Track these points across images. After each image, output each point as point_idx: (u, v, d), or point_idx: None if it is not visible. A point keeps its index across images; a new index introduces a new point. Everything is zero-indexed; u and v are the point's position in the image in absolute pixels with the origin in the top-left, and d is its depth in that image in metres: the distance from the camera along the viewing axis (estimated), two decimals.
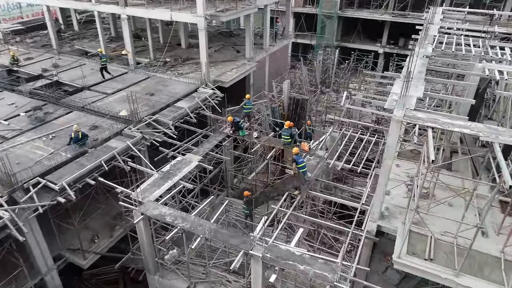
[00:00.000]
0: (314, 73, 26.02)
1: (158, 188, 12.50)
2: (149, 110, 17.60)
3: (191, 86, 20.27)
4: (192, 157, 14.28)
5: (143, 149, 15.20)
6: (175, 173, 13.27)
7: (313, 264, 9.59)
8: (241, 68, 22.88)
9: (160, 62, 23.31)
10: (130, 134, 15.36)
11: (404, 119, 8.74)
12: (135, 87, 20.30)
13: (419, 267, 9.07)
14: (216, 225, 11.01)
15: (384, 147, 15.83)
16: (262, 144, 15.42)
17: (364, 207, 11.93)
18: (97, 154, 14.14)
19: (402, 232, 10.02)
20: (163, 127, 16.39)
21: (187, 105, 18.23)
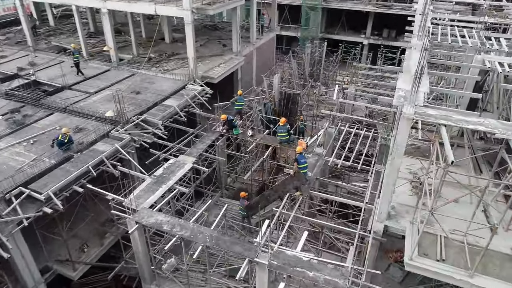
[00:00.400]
0: (302, 67, 25.53)
1: (152, 194, 11.82)
2: (136, 109, 16.77)
3: (179, 83, 19.47)
4: (185, 158, 13.61)
5: (132, 152, 14.41)
6: (169, 177, 12.59)
7: (322, 270, 9.18)
8: (229, 63, 22.18)
9: (144, 58, 22.31)
10: (118, 136, 14.54)
11: (415, 116, 8.35)
12: (120, 85, 19.35)
13: (433, 268, 8.78)
14: (217, 232, 10.44)
15: (381, 142, 15.66)
16: (257, 142, 14.85)
17: (368, 206, 11.58)
18: (84, 158, 13.29)
19: (411, 232, 9.72)
20: (152, 128, 15.61)
21: (176, 103, 17.47)
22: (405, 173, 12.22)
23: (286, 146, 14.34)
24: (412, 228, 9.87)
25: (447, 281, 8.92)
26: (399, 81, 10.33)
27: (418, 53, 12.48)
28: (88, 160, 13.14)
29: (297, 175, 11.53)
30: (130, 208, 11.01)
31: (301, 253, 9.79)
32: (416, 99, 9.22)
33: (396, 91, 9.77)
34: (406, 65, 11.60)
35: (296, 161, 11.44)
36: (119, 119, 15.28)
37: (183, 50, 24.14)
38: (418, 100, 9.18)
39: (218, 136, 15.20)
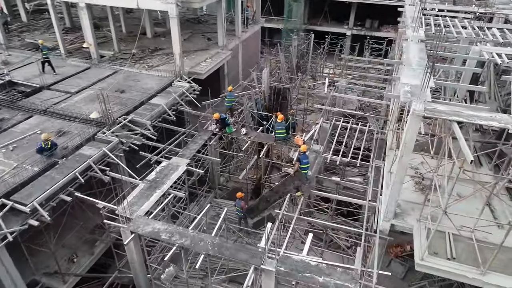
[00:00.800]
0: (290, 60, 25.05)
1: (146, 200, 11.19)
2: (121, 109, 15.94)
3: (165, 80, 18.68)
4: (178, 160, 13.00)
5: (121, 155, 13.67)
6: (163, 181, 11.97)
7: (332, 274, 8.86)
8: (215, 58, 21.49)
9: (127, 55, 21.34)
10: (105, 139, 13.74)
11: (426, 113, 8.03)
12: (102, 83, 18.40)
13: (445, 268, 8.57)
14: (219, 239, 9.95)
15: (378, 136, 15.43)
16: (252, 141, 14.36)
17: (371, 204, 11.32)
18: (69, 164, 12.48)
19: (419, 231, 9.49)
20: (141, 128, 14.87)
21: (164, 101, 16.73)
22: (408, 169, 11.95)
23: (282, 144, 13.89)
24: (420, 226, 9.65)
25: (459, 280, 8.75)
26: (402, 76, 10.01)
27: (416, 45, 12.24)
28: (75, 166, 12.34)
29: (297, 175, 11.12)
30: (124, 217, 10.36)
31: (308, 257, 9.43)
32: (423, 95, 8.94)
33: (401, 86, 9.45)
34: (406, 58, 11.30)
35: (299, 161, 11.02)
36: (104, 120, 14.46)
37: (166, 45, 23.31)
38: (425, 96, 8.90)
39: (211, 135, 14.61)
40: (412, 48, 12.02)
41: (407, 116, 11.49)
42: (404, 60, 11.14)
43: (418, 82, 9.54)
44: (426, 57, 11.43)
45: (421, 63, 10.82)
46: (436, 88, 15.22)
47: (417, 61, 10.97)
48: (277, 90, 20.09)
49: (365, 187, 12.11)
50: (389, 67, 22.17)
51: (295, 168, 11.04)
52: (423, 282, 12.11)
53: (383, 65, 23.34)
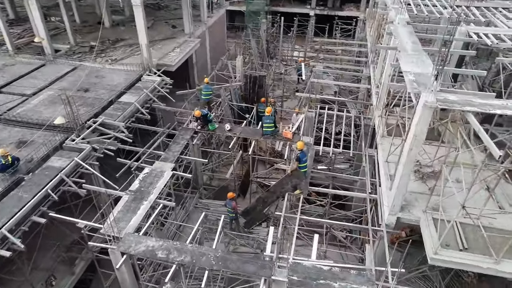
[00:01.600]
0: (260, 45, 24.08)
1: (133, 214, 10.12)
2: (89, 111, 14.43)
3: (133, 75, 17.19)
4: (162, 165, 11.93)
5: (95, 164, 12.35)
6: (149, 190, 10.91)
7: (347, 278, 8.44)
8: (184, 47, 20.15)
9: (85, 48, 19.42)
10: (75, 147, 12.34)
11: (439, 105, 7.61)
12: (62, 82, 16.61)
13: (459, 260, 8.41)
14: (222, 251, 9.19)
15: (366, 123, 15.10)
16: (238, 136, 13.51)
17: (371, 196, 10.99)
18: (38, 180, 11.05)
19: (427, 223, 9.26)
20: (114, 131, 13.52)
21: (135, 99, 15.36)
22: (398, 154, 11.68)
23: (271, 138, 13.18)
24: (427, 217, 9.43)
25: (473, 270, 8.65)
26: (401, 63, 9.53)
27: (404, 28, 11.82)
28: (44, 182, 10.95)
29: (295, 173, 10.51)
30: (112, 236, 9.28)
31: (319, 262, 8.94)
32: (427, 84, 8.51)
33: (405, 74, 8.97)
34: (399, 43, 10.84)
35: (298, 160, 10.37)
36: (72, 125, 12.95)
37: (128, 34, 21.57)
38: (430, 85, 8.48)
39: (192, 134, 13.57)
40: (401, 32, 11.58)
41: (405, 104, 11.24)
42: (398, 46, 10.67)
43: (419, 69, 9.14)
44: (418, 41, 11.05)
45: (415, 48, 10.41)
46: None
47: (411, 46, 10.55)
48: (253, 78, 19.19)
49: (362, 179, 11.73)
50: (361, 49, 21.90)
51: (293, 167, 10.42)
52: (423, 267, 12.11)
53: (355, 46, 23.05)
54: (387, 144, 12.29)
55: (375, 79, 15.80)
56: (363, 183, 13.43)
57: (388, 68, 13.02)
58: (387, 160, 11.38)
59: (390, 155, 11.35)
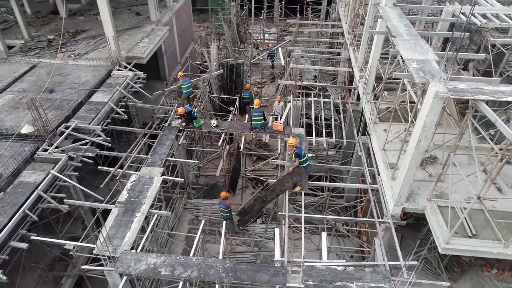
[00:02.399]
0: (232, 29, 23.03)
1: (127, 229, 9.30)
2: (58, 115, 13.11)
3: (101, 71, 15.83)
4: (150, 171, 11.06)
5: (74, 175, 11.25)
6: (140, 201, 10.07)
7: (363, 277, 8.23)
8: (153, 36, 18.80)
9: (42, 43, 17.62)
10: (49, 158, 11.16)
11: (450, 95, 7.33)
12: (21, 83, 14.98)
13: (471, 248, 8.41)
14: (231, 262, 8.66)
15: (354, 108, 14.84)
16: (225, 132, 12.81)
17: (372, 187, 10.80)
18: (12, 199, 9.88)
19: (434, 211, 9.19)
20: (89, 136, 12.37)
21: (108, 97, 14.12)
22: (397, 142, 11.54)
23: (261, 132, 12.60)
24: (432, 206, 9.36)
25: (483, 256, 8.72)
26: (400, 49, 9.18)
27: (393, 10, 11.47)
28: (20, 200, 9.82)
29: (296, 170, 10.06)
30: (106, 255, 8.47)
31: (332, 262, 8.67)
32: (432, 71, 8.24)
33: (407, 62, 8.63)
34: (391, 27, 10.46)
35: (298, 156, 9.90)
36: (41, 133, 11.68)
37: (88, 25, 19.85)
38: (435, 72, 8.20)
39: (177, 132, 12.69)
40: (391, 15, 11.20)
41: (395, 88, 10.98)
42: (392, 30, 10.30)
43: (421, 56, 8.83)
44: (410, 24, 10.74)
45: (410, 32, 10.08)
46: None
47: (404, 30, 10.21)
48: (230, 66, 18.33)
49: (360, 169, 11.50)
50: (336, 30, 21.50)
51: (295, 164, 9.95)
52: (420, 250, 12.25)
53: (328, 27, 22.60)
54: (381, 131, 12.14)
55: (358, 62, 15.48)
56: (354, 172, 13.31)
57: (375, 51, 12.69)
58: (384, 148, 11.20)
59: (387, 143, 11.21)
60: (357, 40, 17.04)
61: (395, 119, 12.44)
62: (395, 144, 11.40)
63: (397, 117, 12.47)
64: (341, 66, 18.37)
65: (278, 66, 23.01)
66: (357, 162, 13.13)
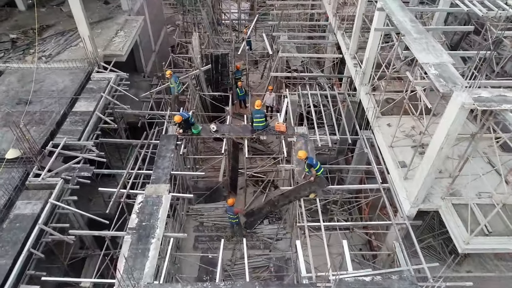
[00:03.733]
0: (210, 15, 21.78)
1: (145, 258, 8.85)
2: (41, 131, 12.04)
3: (79, 74, 14.58)
4: (155, 189, 10.48)
5: (73, 199, 10.50)
6: (152, 224, 9.56)
7: (391, 286, 8.36)
8: (128, 29, 17.46)
9: (5, 43, 15.89)
10: (43, 184, 10.30)
11: (477, 105, 7.23)
12: None
13: (489, 246, 8.72)
14: (259, 283, 8.50)
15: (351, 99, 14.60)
16: (226, 137, 12.31)
17: (383, 186, 10.84)
18: (11, 237, 9.10)
19: (449, 211, 9.38)
20: (80, 152, 11.51)
21: (93, 105, 13.09)
22: (404, 138, 11.56)
23: (263, 134, 12.22)
24: (447, 204, 9.55)
25: (501, 252, 9.08)
26: (416, 52, 8.91)
27: (394, 2, 11.13)
28: (20, 237, 9.06)
29: (317, 180, 9.87)
30: None
31: (359, 273, 8.74)
32: (452, 76, 8.10)
33: (425, 67, 8.43)
34: (397, 23, 10.12)
35: (311, 166, 9.67)
36: (29, 156, 10.70)
37: (52, 18, 18.12)
38: (455, 78, 8.08)
39: (176, 142, 12.04)
40: (393, 7, 10.82)
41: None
42: (400, 27, 9.98)
43: (437, 59, 8.64)
44: (414, 18, 10.46)
45: (418, 29, 9.81)
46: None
47: (411, 27, 9.92)
48: (215, 57, 17.47)
49: (369, 167, 11.47)
50: (318, 10, 20.83)
51: (313, 174, 9.74)
52: (426, 236, 12.62)
53: (307, 7, 21.84)
54: (385, 126, 12.09)
55: (350, 49, 15.14)
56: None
57: (374, 43, 12.39)
58: (392, 145, 11.19)
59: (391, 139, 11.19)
60: (346, 23, 16.61)
61: (397, 111, 12.43)
62: (401, 139, 11.43)
63: (398, 109, 12.43)
64: (328, 51, 17.97)
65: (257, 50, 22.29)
66: (359, 157, 13.13)
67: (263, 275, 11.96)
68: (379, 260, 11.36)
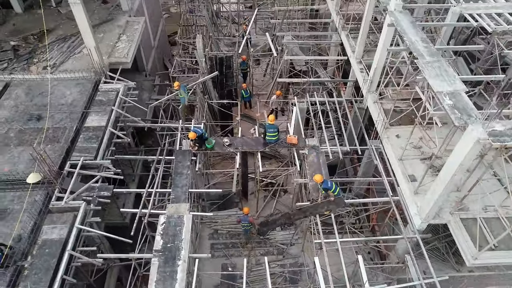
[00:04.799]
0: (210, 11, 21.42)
1: (174, 281, 9.31)
2: (56, 149, 12.17)
3: (86, 84, 14.55)
4: (176, 208, 10.83)
5: (97, 221, 10.83)
6: (177, 245, 9.96)
7: None
8: (130, 32, 17.23)
9: (7, 52, 15.60)
10: (66, 207, 10.57)
11: (491, 141, 7.61)
12: (0, 111, 13.48)
13: (495, 260, 9.37)
14: None
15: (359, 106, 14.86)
16: (239, 151, 12.59)
17: (394, 199, 11.36)
18: (42, 263, 9.45)
19: (458, 226, 9.95)
20: (96, 171, 11.73)
21: (104, 120, 13.15)
22: (413, 150, 11.95)
23: (276, 147, 12.55)
24: (456, 219, 10.11)
25: (505, 264, 9.75)
26: (429, 78, 9.16)
27: (404, 17, 11.25)
28: (51, 264, 9.42)
29: (337, 200, 10.34)
30: None
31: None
32: (464, 105, 8.42)
33: (439, 96, 8.72)
34: (410, 43, 10.28)
35: (328, 189, 10.10)
36: (51, 179, 10.89)
37: (51, 22, 17.73)
38: (467, 106, 8.40)
39: (191, 157, 12.28)
40: (404, 24, 10.93)
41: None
42: (411, 48, 10.17)
43: (451, 87, 8.92)
44: (425, 37, 10.62)
45: (431, 51, 10.01)
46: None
47: (424, 48, 10.11)
48: (219, 60, 17.45)
49: (379, 179, 11.94)
50: (318, 6, 20.65)
51: (331, 196, 10.20)
52: (431, 239, 13.26)
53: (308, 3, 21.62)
54: (394, 138, 12.45)
55: (356, 53, 15.27)
56: (363, 172, 13.79)
57: (382, 55, 12.56)
58: (402, 158, 11.61)
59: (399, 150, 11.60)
60: (350, 23, 16.58)
61: (405, 120, 12.78)
62: (409, 150, 11.83)
63: (407, 118, 12.80)
64: (332, 51, 18.01)
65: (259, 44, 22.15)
66: (367, 166, 13.55)
67: (278, 281, 12.61)
68: (387, 265, 12.05)
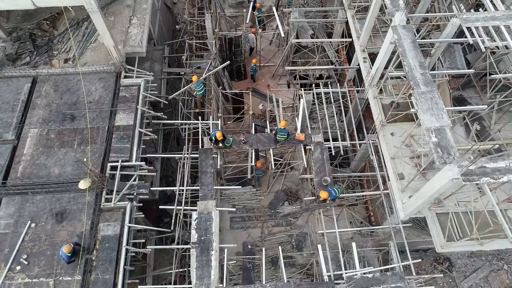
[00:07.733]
0: None
1: (209, 267, 12.01)
2: (94, 151, 13.91)
3: (108, 79, 15.51)
4: (205, 205, 13.11)
5: (140, 216, 13.24)
6: (209, 238, 12.49)
7: (387, 281, 11.86)
8: (140, 13, 17.44)
9: (26, 44, 16.19)
10: (114, 207, 12.84)
11: (462, 180, 9.54)
12: (34, 110, 14.69)
13: (457, 249, 12.03)
14: (295, 285, 11.93)
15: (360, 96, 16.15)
16: (253, 148, 14.41)
17: (384, 192, 13.63)
18: (105, 256, 12.01)
19: (433, 220, 12.39)
20: (132, 170, 13.74)
21: (131, 118, 14.57)
22: (404, 148, 13.79)
23: (285, 144, 14.37)
24: (432, 215, 12.53)
25: (467, 252, 12.47)
26: (421, 113, 10.60)
27: (407, 36, 12.15)
28: (113, 256, 12.01)
29: (339, 202, 12.68)
30: None
31: (364, 270, 12.20)
32: (448, 145, 10.13)
33: (427, 132, 10.31)
34: (408, 70, 11.40)
35: (334, 199, 12.36)
36: (99, 184, 12.91)
37: None
38: (450, 147, 10.10)
39: (212, 155, 14.16)
40: (406, 44, 11.85)
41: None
42: (409, 73, 11.34)
43: (438, 122, 10.45)
44: (424, 60, 11.66)
45: (426, 79, 11.17)
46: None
47: (421, 76, 11.22)
48: (229, 40, 18.10)
49: (374, 175, 14.06)
50: None
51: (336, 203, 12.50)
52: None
53: None
54: (389, 136, 14.19)
55: (360, 41, 16.03)
56: (360, 156, 15.84)
57: (384, 57, 13.57)
58: (394, 157, 13.54)
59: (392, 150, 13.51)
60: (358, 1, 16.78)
61: (400, 117, 14.35)
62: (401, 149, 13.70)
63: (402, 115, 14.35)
64: (337, 27, 18.45)
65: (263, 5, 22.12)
66: (363, 155, 15.51)
67: (287, 248, 15.62)
68: (376, 238, 14.92)
